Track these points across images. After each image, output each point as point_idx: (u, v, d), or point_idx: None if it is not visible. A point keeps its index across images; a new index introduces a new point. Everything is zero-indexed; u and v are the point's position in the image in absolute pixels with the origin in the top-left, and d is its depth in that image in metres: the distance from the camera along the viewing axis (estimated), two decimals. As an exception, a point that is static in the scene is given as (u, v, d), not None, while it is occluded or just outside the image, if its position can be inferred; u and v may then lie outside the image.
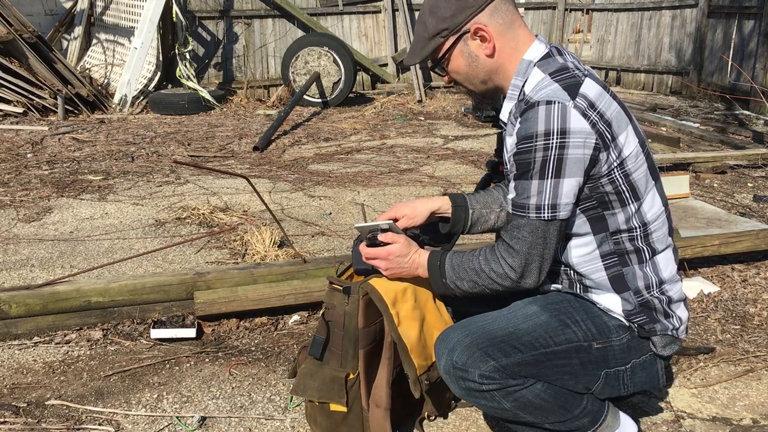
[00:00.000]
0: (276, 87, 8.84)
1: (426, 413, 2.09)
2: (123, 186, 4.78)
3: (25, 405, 2.20)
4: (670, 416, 2.15)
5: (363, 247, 1.86)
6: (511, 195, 1.68)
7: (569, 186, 1.61)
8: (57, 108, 7.14)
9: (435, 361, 1.99)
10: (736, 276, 3.19)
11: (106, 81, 8.21)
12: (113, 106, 7.69)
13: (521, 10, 9.04)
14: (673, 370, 2.42)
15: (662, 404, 2.22)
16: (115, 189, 4.71)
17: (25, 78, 7.19)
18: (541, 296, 1.82)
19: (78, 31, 8.85)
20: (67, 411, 2.17)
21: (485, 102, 1.63)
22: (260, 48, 9.03)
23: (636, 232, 1.73)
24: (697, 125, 6.97)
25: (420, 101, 8.43)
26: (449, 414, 2.15)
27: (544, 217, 1.62)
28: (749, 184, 4.88)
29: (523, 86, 1.70)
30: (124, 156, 5.64)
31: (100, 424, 2.11)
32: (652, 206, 1.74)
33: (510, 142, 1.71)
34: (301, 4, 9.08)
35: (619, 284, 1.73)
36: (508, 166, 1.76)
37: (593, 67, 10.76)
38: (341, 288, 1.91)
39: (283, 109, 7.51)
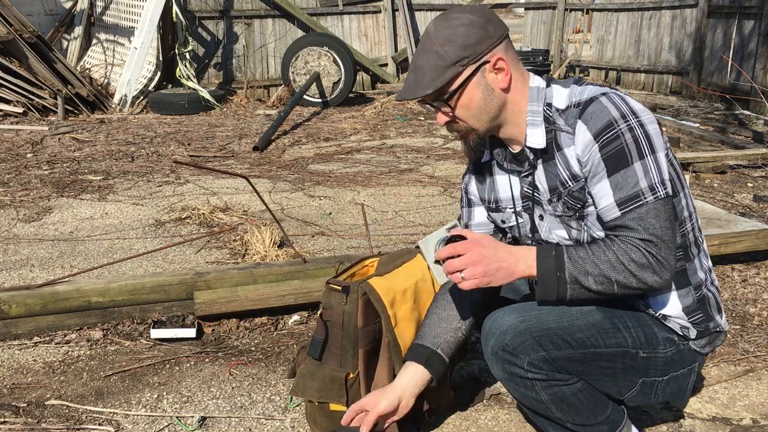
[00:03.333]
0: (276, 87, 8.84)
1: (426, 413, 2.09)
2: (123, 186, 4.78)
3: (25, 405, 2.20)
4: (670, 416, 2.15)
5: (441, 250, 1.60)
6: (609, 198, 1.57)
7: (664, 159, 1.58)
8: (57, 108, 7.14)
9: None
10: (736, 276, 3.19)
11: (106, 81, 8.21)
12: (113, 106, 7.69)
13: (521, 10, 9.03)
14: (673, 370, 2.42)
15: (662, 404, 2.22)
16: (115, 189, 4.71)
17: (25, 78, 7.20)
18: None
19: (78, 31, 8.85)
20: (67, 411, 2.17)
21: (479, 147, 1.57)
22: (260, 48, 9.03)
23: (693, 219, 1.71)
24: (697, 125, 6.98)
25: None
26: (449, 414, 2.15)
27: (661, 195, 1.55)
28: (749, 184, 4.88)
29: (545, 107, 1.65)
30: (124, 156, 5.64)
31: (100, 424, 2.11)
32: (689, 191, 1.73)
33: (574, 151, 1.61)
34: (301, 4, 9.08)
35: (681, 280, 1.70)
36: (572, 185, 1.64)
37: (593, 67, 10.77)
38: (339, 288, 1.91)
39: (283, 109, 7.51)
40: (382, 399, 1.76)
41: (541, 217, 1.75)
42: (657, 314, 1.72)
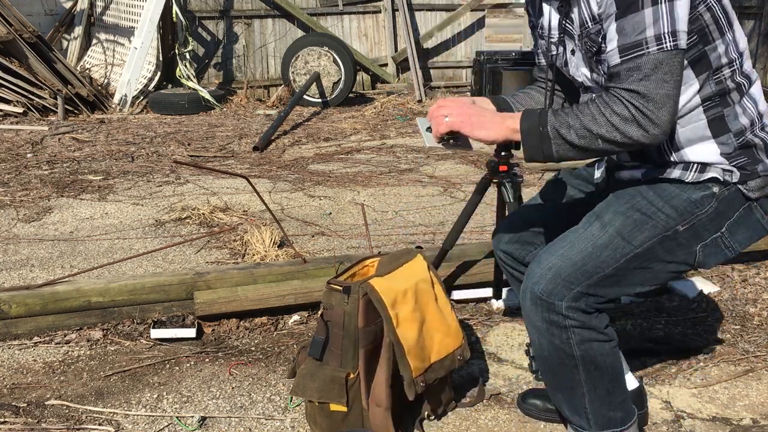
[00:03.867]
0: (276, 87, 8.83)
1: (426, 413, 2.09)
2: (123, 186, 4.78)
3: (25, 405, 2.20)
4: (670, 416, 2.15)
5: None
6: (614, 42, 1.51)
7: (683, 9, 1.48)
8: (57, 108, 7.14)
9: (432, 363, 2.00)
10: (736, 276, 3.19)
11: (106, 81, 8.20)
12: (113, 106, 7.68)
13: (521, 10, 9.03)
14: (673, 370, 2.42)
15: (662, 404, 2.22)
16: (115, 189, 4.71)
17: (25, 78, 7.19)
18: (612, 198, 1.73)
19: (78, 31, 8.84)
20: (67, 411, 2.17)
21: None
22: (260, 48, 9.02)
23: (735, 64, 1.62)
24: (697, 125, 6.97)
25: (420, 101, 8.43)
26: (449, 414, 2.15)
27: (666, 47, 1.47)
28: (749, 184, 4.88)
29: None
30: (124, 156, 5.64)
31: (100, 424, 2.11)
32: (741, 32, 1.64)
33: None
34: (301, 4, 9.08)
35: (718, 127, 1.63)
36: (589, 21, 1.60)
37: (593, 67, 10.76)
38: (340, 288, 1.91)
39: (283, 109, 7.51)
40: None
41: (573, 52, 1.72)
42: (694, 164, 1.65)
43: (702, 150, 1.65)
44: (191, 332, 2.63)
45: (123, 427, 2.10)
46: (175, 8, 8.02)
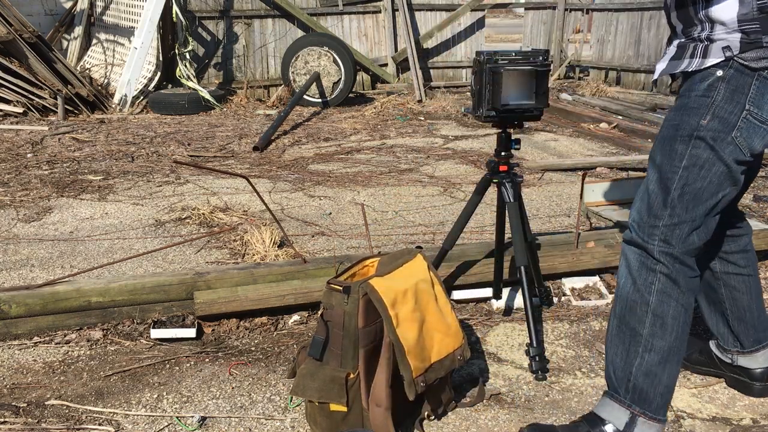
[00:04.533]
0: (276, 87, 8.83)
1: (426, 413, 2.09)
2: (123, 186, 4.78)
3: (25, 405, 2.20)
4: (670, 416, 2.15)
5: None
6: None
7: None
8: (57, 108, 7.14)
9: (432, 363, 2.00)
10: (736, 276, 3.18)
11: (106, 81, 8.20)
12: (113, 106, 7.68)
13: (521, 10, 9.02)
14: (673, 370, 2.42)
15: (662, 404, 2.22)
16: (115, 189, 4.71)
17: (25, 78, 7.19)
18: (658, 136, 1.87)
19: (78, 31, 8.84)
20: (67, 411, 2.17)
21: None
22: (260, 48, 9.03)
23: None
24: (697, 125, 6.97)
25: (420, 101, 8.43)
26: (449, 414, 2.15)
27: None
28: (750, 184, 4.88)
29: None
30: (124, 156, 5.64)
31: (100, 424, 2.11)
32: None
33: None
34: (301, 4, 9.08)
35: None
36: None
37: (593, 67, 10.77)
38: (340, 288, 1.91)
39: (283, 109, 7.51)
40: None
41: None
42: (714, 22, 1.73)
43: (725, 8, 1.70)
44: (191, 332, 2.63)
45: (123, 427, 2.10)
46: (175, 8, 8.02)
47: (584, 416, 1.97)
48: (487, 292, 2.91)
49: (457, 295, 2.92)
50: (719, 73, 1.73)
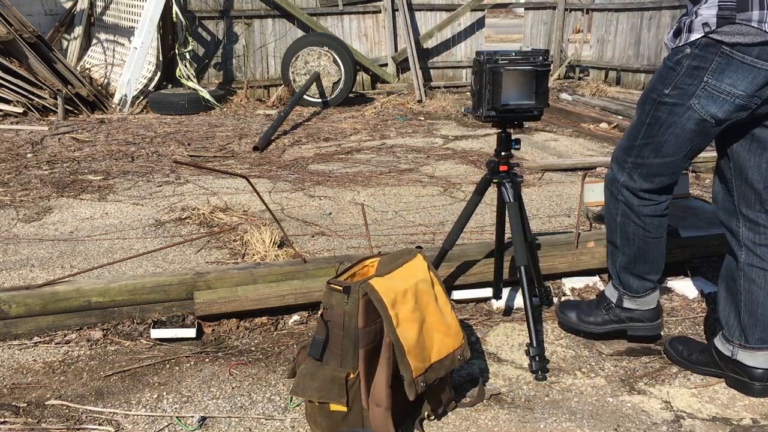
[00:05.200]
0: (276, 87, 8.83)
1: (426, 413, 2.09)
2: (123, 186, 4.78)
3: (25, 405, 2.20)
4: (670, 416, 2.15)
5: None
6: None
7: None
8: (57, 108, 7.14)
9: (432, 363, 2.00)
10: (736, 276, 3.18)
11: (106, 81, 8.21)
12: (113, 106, 7.68)
13: (521, 10, 9.02)
14: (673, 370, 2.42)
15: (662, 404, 2.22)
16: (115, 189, 4.71)
17: (25, 78, 7.19)
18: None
19: (78, 31, 8.84)
20: (67, 411, 2.17)
21: None
22: (260, 48, 9.02)
23: None
24: (697, 125, 6.97)
25: (420, 101, 8.43)
26: (449, 414, 2.15)
27: None
28: (749, 184, 4.88)
29: None
30: (124, 156, 5.64)
31: (100, 424, 2.11)
32: None
33: None
34: (301, 4, 9.08)
35: None
36: None
37: (593, 67, 10.77)
38: (340, 288, 1.91)
39: (283, 109, 7.51)
40: None
41: None
42: (701, 1, 1.98)
43: None
44: (191, 332, 2.63)
45: (123, 427, 2.10)
46: (175, 8, 8.02)
47: (598, 294, 2.67)
48: (487, 292, 2.91)
49: (457, 295, 2.92)
50: (687, 50, 2.02)
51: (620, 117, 7.36)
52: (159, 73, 8.12)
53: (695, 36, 1.98)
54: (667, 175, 2.22)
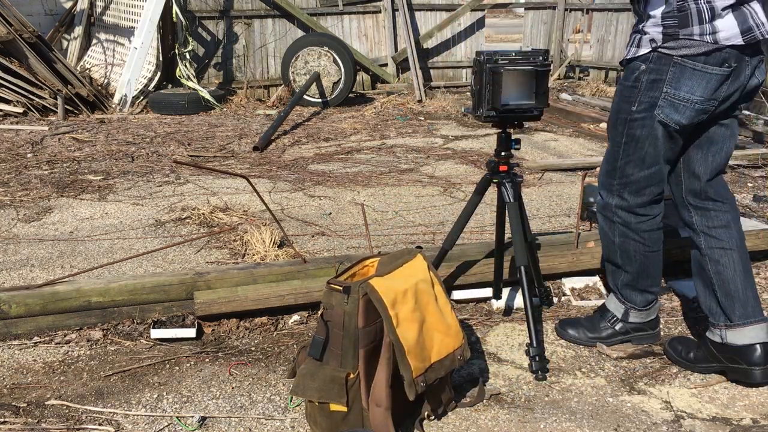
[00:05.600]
0: (276, 87, 8.83)
1: (426, 413, 2.09)
2: (123, 186, 4.78)
3: (25, 405, 2.20)
4: (670, 416, 2.15)
5: None
6: None
7: None
8: (57, 108, 7.14)
9: (432, 363, 2.00)
10: (736, 276, 3.18)
11: (106, 81, 8.21)
12: (113, 106, 7.68)
13: (521, 10, 9.02)
14: (673, 371, 2.42)
15: (662, 404, 2.22)
16: (115, 189, 4.71)
17: (25, 78, 7.19)
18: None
19: (78, 31, 8.84)
20: (67, 411, 2.17)
21: None
22: (260, 48, 9.02)
23: None
24: (697, 125, 6.97)
25: (420, 101, 8.43)
26: (449, 414, 2.15)
27: None
28: (749, 184, 4.88)
29: None
30: (124, 156, 5.64)
31: (100, 424, 2.11)
32: None
33: None
34: (301, 4, 9.08)
35: None
36: None
37: (593, 67, 10.76)
38: (340, 288, 1.91)
39: (283, 109, 7.51)
40: None
41: None
42: (649, 17, 2.16)
43: (654, 5, 2.14)
44: (191, 332, 2.63)
45: (123, 427, 2.10)
46: (175, 8, 8.02)
47: (597, 309, 2.66)
48: (487, 292, 2.91)
49: (457, 295, 2.92)
50: (643, 67, 2.18)
51: (620, 117, 7.35)
52: (159, 73, 8.12)
53: (643, 51, 2.17)
54: (655, 184, 2.33)
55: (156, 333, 2.63)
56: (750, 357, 2.25)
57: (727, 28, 2.07)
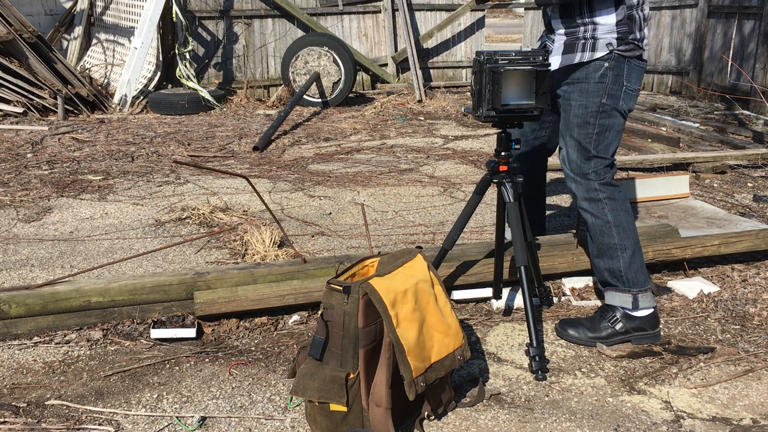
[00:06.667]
0: (276, 87, 8.83)
1: (426, 413, 2.09)
2: (123, 186, 4.78)
3: (25, 405, 2.20)
4: (670, 416, 2.15)
5: None
6: None
7: None
8: (57, 108, 7.14)
9: (432, 363, 2.00)
10: (736, 276, 3.19)
11: (106, 81, 8.21)
12: (113, 106, 7.69)
13: (521, 10, 9.02)
14: (673, 371, 2.42)
15: (662, 404, 2.22)
16: (115, 189, 4.71)
17: (25, 78, 7.19)
18: (564, 119, 2.60)
19: (78, 31, 8.85)
20: (67, 411, 2.17)
21: None
22: (260, 48, 9.02)
23: None
24: (697, 125, 6.97)
25: (420, 101, 8.43)
26: (449, 414, 2.15)
27: None
28: (749, 184, 4.88)
29: None
30: (124, 156, 5.64)
31: (100, 424, 2.11)
32: None
33: None
34: (301, 4, 9.08)
35: (619, 1, 2.46)
36: None
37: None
38: (340, 288, 1.91)
39: (283, 109, 7.52)
40: None
41: None
42: (597, 25, 2.47)
43: (606, 15, 2.47)
44: (191, 332, 2.63)
45: (123, 427, 2.10)
46: (175, 8, 8.02)
47: (598, 309, 2.68)
48: (487, 292, 2.91)
49: (457, 295, 2.92)
50: (606, 64, 2.49)
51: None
52: (159, 73, 8.12)
53: (600, 54, 2.48)
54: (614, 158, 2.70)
55: (156, 333, 2.63)
56: (646, 318, 2.61)
57: (647, 37, 2.60)
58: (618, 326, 2.58)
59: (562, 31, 2.54)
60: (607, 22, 2.47)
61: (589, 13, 2.48)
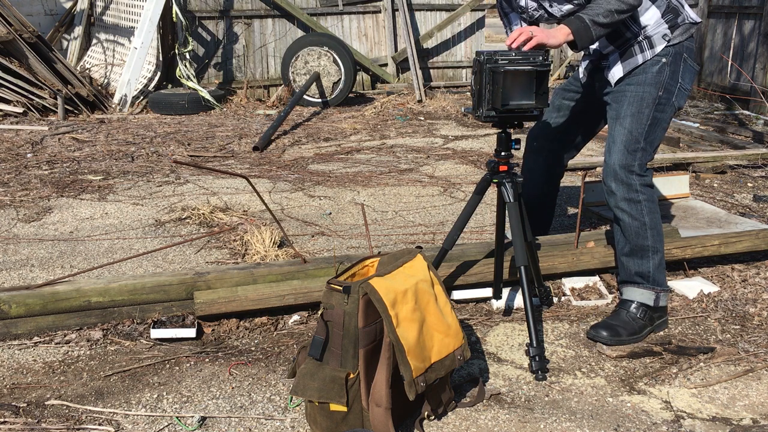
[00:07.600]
0: (276, 87, 8.83)
1: (426, 413, 2.09)
2: (123, 186, 4.78)
3: (25, 405, 2.20)
4: (670, 416, 2.15)
5: (513, 32, 2.41)
6: None
7: None
8: (57, 108, 7.14)
9: (432, 363, 2.00)
10: (736, 276, 3.19)
11: (106, 81, 8.21)
12: (113, 106, 7.68)
13: (521, 10, 9.02)
14: (673, 371, 2.42)
15: (662, 404, 2.22)
16: (115, 189, 4.71)
17: (25, 78, 7.19)
18: (615, 105, 2.63)
19: (78, 31, 8.84)
20: (67, 411, 2.17)
21: None
22: (260, 48, 9.02)
23: None
24: (697, 125, 6.97)
25: (420, 101, 8.43)
26: (449, 414, 2.15)
27: None
28: (749, 184, 4.88)
29: None
30: (124, 156, 5.64)
31: (100, 424, 2.11)
32: None
33: None
34: (301, 4, 9.08)
35: None
36: None
37: (593, 67, 10.77)
38: (340, 288, 1.91)
39: (283, 109, 7.51)
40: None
41: (550, 5, 2.56)
42: (646, 27, 2.54)
43: (648, 14, 2.54)
44: (191, 332, 2.63)
45: (123, 427, 2.10)
46: (175, 8, 8.02)
47: (618, 304, 2.72)
48: (487, 292, 2.91)
49: (457, 295, 2.92)
50: (664, 60, 2.56)
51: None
52: (159, 73, 8.12)
53: (659, 47, 2.55)
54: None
55: (156, 333, 2.63)
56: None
57: (691, 9, 2.63)
58: (647, 319, 2.65)
59: (614, 48, 2.62)
60: (652, 19, 2.54)
61: (633, 22, 2.55)
